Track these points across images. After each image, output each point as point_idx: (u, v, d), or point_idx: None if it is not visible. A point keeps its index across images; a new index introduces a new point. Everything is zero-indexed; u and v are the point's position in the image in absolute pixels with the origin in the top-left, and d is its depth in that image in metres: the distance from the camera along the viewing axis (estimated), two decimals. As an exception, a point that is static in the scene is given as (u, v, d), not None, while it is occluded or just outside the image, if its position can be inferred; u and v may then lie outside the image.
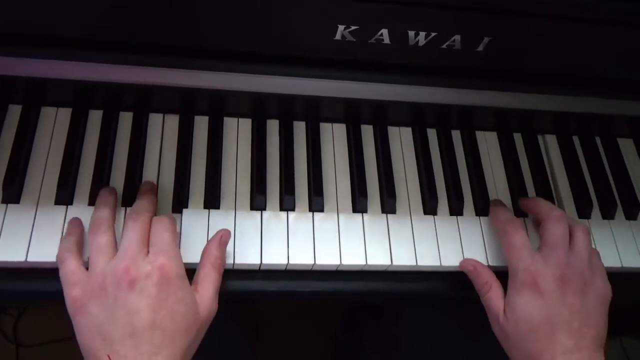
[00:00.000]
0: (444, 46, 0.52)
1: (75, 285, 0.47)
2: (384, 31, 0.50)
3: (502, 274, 0.56)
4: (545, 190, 0.64)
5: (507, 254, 0.55)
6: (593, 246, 0.59)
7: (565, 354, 0.50)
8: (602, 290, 0.54)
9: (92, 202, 0.54)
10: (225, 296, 0.52)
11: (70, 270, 0.47)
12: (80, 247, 0.51)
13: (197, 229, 0.55)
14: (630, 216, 0.65)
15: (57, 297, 0.49)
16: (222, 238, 0.53)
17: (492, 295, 0.54)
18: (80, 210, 0.54)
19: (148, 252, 0.48)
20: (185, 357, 0.47)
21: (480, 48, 0.53)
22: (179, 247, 0.53)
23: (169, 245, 0.48)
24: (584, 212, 0.64)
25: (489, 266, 0.58)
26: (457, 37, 0.51)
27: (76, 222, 0.52)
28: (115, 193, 0.54)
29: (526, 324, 0.51)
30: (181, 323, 0.46)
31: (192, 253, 0.53)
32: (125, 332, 0.44)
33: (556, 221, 0.55)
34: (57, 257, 0.49)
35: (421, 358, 0.70)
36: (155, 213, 0.53)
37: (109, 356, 0.43)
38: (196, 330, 0.48)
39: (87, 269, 0.48)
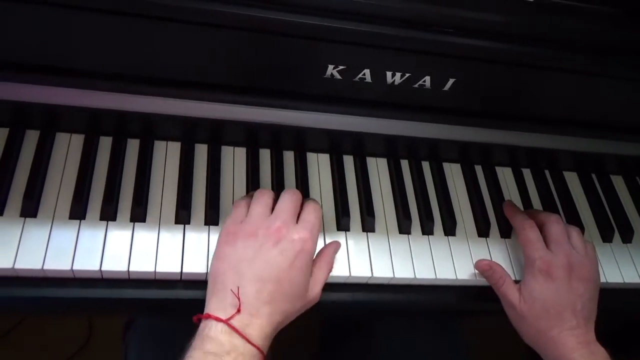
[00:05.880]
0: (416, 85, 0.61)
1: (235, 222, 0.57)
2: (367, 71, 0.59)
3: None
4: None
5: (525, 247, 0.65)
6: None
7: (570, 329, 0.59)
8: (596, 279, 0.64)
9: (103, 217, 0.60)
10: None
11: (240, 212, 0.58)
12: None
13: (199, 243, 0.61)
14: (626, 239, 0.75)
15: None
16: (337, 248, 0.64)
17: (507, 287, 0.64)
18: (93, 224, 0.59)
19: (296, 222, 0.57)
20: (283, 321, 0.55)
21: (446, 88, 0.62)
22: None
23: (314, 225, 0.58)
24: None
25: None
26: (427, 78, 0.60)
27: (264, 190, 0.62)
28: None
29: (541, 304, 0.61)
30: (295, 290, 0.55)
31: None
32: (255, 277, 0.53)
33: (556, 222, 0.66)
34: (235, 202, 0.60)
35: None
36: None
37: (238, 289, 0.52)
38: (300, 305, 0.56)
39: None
